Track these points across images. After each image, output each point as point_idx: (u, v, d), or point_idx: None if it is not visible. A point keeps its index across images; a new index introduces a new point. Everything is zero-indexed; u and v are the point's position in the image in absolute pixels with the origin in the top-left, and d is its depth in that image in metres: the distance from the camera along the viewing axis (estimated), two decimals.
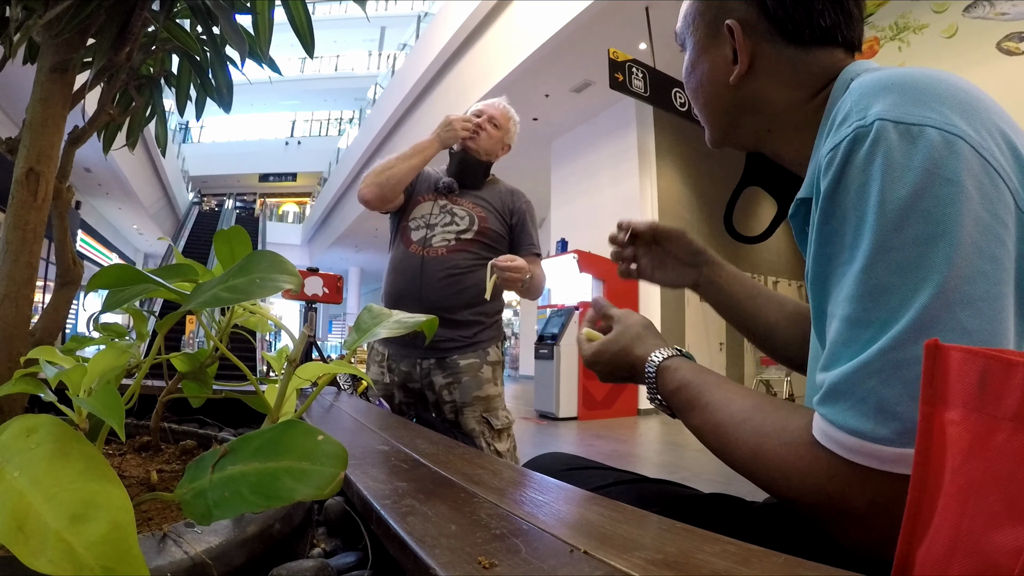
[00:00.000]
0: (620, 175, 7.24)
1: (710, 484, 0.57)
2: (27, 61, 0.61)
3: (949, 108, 0.40)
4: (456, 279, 1.56)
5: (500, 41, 7.15)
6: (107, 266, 0.43)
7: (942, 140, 0.39)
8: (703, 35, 0.61)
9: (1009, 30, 3.75)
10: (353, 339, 0.51)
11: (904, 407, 0.37)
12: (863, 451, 0.38)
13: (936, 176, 0.38)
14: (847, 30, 0.55)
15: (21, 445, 0.28)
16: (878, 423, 0.38)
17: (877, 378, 0.38)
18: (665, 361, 0.59)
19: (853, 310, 0.40)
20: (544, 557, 0.31)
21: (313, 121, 25.34)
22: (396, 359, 1.61)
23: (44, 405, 0.41)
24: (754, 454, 0.46)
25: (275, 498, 0.28)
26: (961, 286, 0.37)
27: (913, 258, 0.38)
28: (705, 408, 0.52)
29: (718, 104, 0.62)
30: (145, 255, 20.10)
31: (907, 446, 0.36)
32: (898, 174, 0.39)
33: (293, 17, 0.62)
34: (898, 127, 0.40)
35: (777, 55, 0.56)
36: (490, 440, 1.55)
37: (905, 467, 0.37)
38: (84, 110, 0.61)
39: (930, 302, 0.37)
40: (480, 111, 1.70)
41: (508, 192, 1.72)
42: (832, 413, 0.40)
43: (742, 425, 0.48)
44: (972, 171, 0.39)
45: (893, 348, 0.38)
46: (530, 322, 10.97)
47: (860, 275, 0.40)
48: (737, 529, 0.41)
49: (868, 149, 0.41)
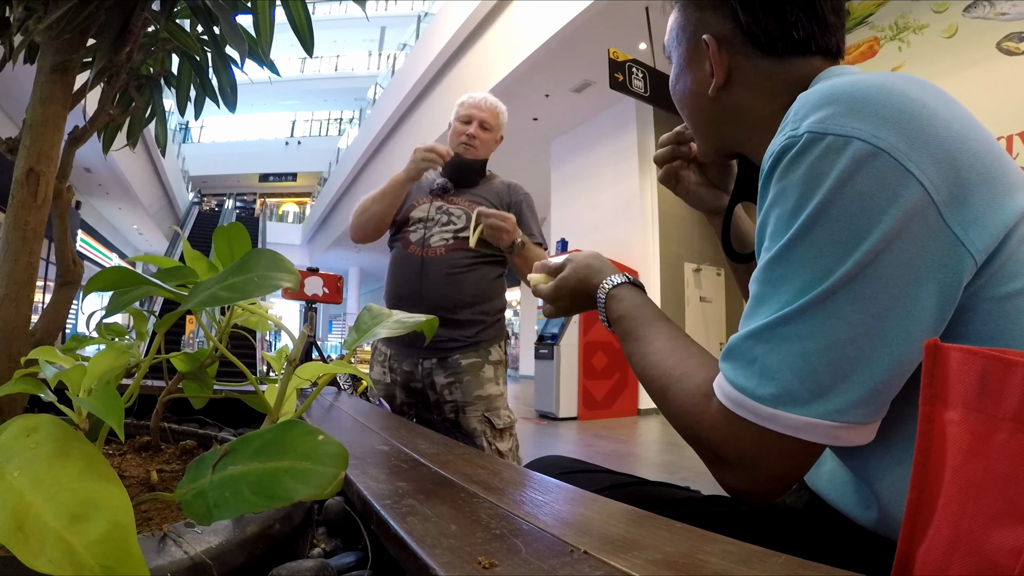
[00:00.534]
0: (620, 175, 7.24)
1: (710, 484, 0.57)
2: (27, 61, 0.61)
3: (882, 119, 0.42)
4: (456, 278, 1.56)
5: (500, 41, 7.14)
6: (105, 269, 0.43)
7: (866, 152, 0.41)
8: (685, 49, 0.63)
9: (1009, 30, 3.74)
10: (353, 339, 0.51)
11: (783, 375, 0.42)
12: (744, 405, 0.44)
13: (848, 187, 0.41)
14: (822, 39, 0.57)
15: (21, 445, 0.28)
16: (760, 384, 0.43)
17: (763, 346, 0.44)
18: (613, 289, 0.63)
19: (758, 290, 0.46)
20: (544, 557, 0.31)
21: (313, 121, 25.34)
22: (398, 359, 1.61)
23: (44, 405, 0.41)
24: (662, 393, 0.52)
25: (276, 498, 0.28)
26: (851, 284, 0.41)
27: (815, 256, 0.42)
28: (637, 340, 0.57)
29: (701, 115, 0.64)
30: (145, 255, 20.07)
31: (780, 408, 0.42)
32: (815, 183, 0.42)
33: (293, 17, 0.62)
34: (825, 138, 0.42)
35: (752, 67, 0.58)
36: (492, 440, 1.55)
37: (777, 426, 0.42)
38: (84, 110, 0.61)
39: (820, 293, 0.41)
40: (469, 116, 1.67)
41: (505, 186, 1.71)
42: (727, 369, 0.46)
43: (659, 364, 0.54)
44: (888, 184, 0.40)
45: (780, 323, 0.43)
46: (530, 322, 10.97)
47: (769, 263, 0.45)
48: (737, 529, 0.41)
49: (792, 157, 0.44)
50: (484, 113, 1.68)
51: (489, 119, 1.68)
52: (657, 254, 6.82)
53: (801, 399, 0.41)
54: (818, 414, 0.41)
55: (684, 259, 7.17)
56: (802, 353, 0.41)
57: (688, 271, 7.14)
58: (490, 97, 1.73)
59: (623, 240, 7.01)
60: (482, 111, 1.68)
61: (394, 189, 1.58)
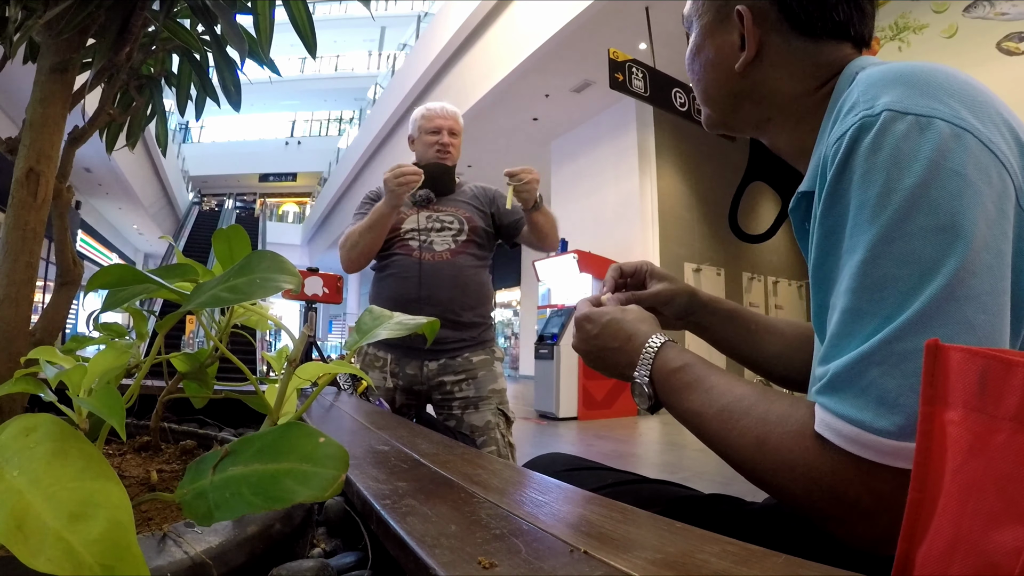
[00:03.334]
0: (620, 175, 7.24)
1: (710, 484, 0.57)
2: (27, 61, 0.61)
3: (957, 101, 0.40)
4: (463, 281, 1.60)
5: (500, 41, 7.15)
6: (107, 266, 0.43)
7: (950, 132, 0.39)
8: (711, 19, 0.60)
9: (1009, 30, 3.75)
10: (354, 340, 0.51)
11: (905, 399, 0.36)
12: (862, 441, 0.37)
13: (943, 167, 0.38)
14: (859, 25, 0.55)
15: (20, 444, 0.28)
16: (878, 414, 0.37)
17: (879, 369, 0.37)
18: (668, 342, 0.57)
19: (855, 301, 0.39)
20: (544, 557, 0.31)
21: (313, 121, 25.35)
22: (400, 363, 1.62)
23: (44, 405, 0.41)
24: (759, 442, 0.44)
25: (276, 500, 0.28)
26: (967, 279, 0.36)
27: (918, 249, 0.37)
28: (710, 391, 0.50)
29: (720, 89, 0.61)
30: (145, 255, 20.12)
31: (906, 440, 0.36)
32: (905, 164, 0.38)
33: (294, 16, 0.62)
34: (906, 117, 0.39)
35: (786, 45, 0.56)
36: (504, 432, 1.59)
37: (903, 461, 0.36)
38: (84, 110, 0.61)
39: (936, 294, 0.36)
40: (437, 127, 1.70)
41: (479, 188, 1.76)
42: (832, 403, 0.39)
43: (749, 411, 0.46)
44: (979, 164, 0.38)
45: (896, 339, 0.37)
46: (530, 322, 10.97)
47: (863, 266, 0.39)
48: (737, 529, 0.41)
49: (874, 138, 0.40)
50: (449, 121, 1.72)
51: (454, 126, 1.73)
52: (657, 254, 6.83)
53: None
54: None
55: (684, 259, 7.18)
56: None
57: (688, 271, 7.14)
58: (447, 104, 1.78)
59: (623, 240, 7.02)
60: (447, 119, 1.72)
61: (381, 221, 1.57)
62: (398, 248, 1.64)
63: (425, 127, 1.72)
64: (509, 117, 7.64)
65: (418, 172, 1.53)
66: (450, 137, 1.70)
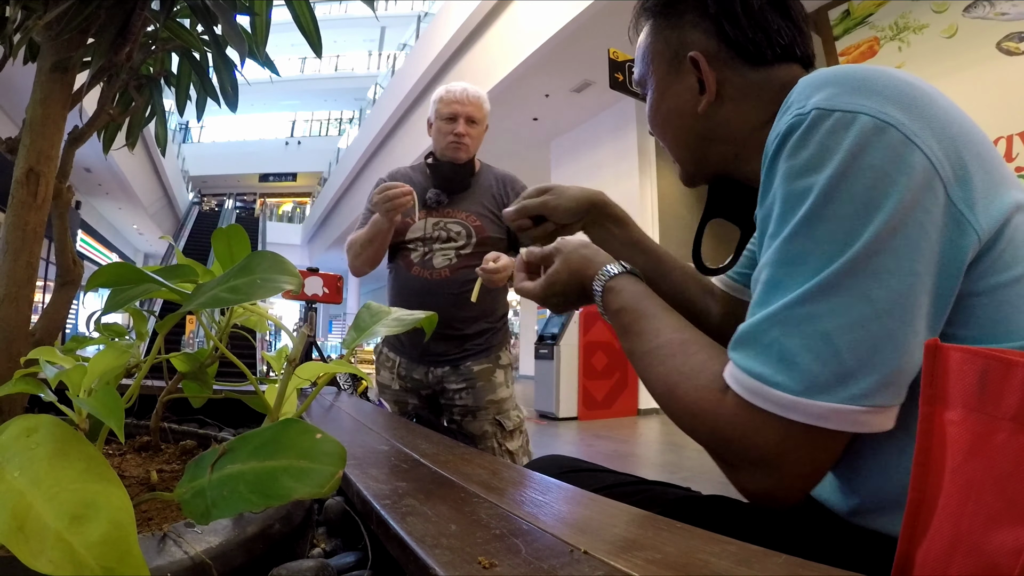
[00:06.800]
0: (620, 175, 7.24)
1: (710, 484, 0.57)
2: (27, 61, 0.61)
3: (886, 98, 0.42)
4: (464, 296, 1.51)
5: (500, 41, 7.14)
6: (106, 264, 0.43)
7: (873, 126, 0.41)
8: (665, 72, 0.63)
9: (1009, 30, 3.74)
10: (352, 338, 0.51)
11: (803, 358, 0.39)
12: (762, 394, 0.41)
13: (861, 160, 0.40)
14: (803, 46, 0.58)
15: (21, 445, 0.28)
16: (777, 370, 0.40)
17: (780, 329, 0.41)
18: (610, 280, 0.59)
19: (772, 274, 0.43)
20: (544, 557, 0.31)
21: (313, 121, 25.35)
22: (407, 367, 1.61)
23: (44, 405, 0.41)
24: (669, 392, 0.48)
25: (274, 497, 0.28)
26: (871, 258, 0.39)
27: (832, 231, 0.40)
28: (638, 335, 0.54)
29: (688, 134, 0.64)
30: (145, 255, 20.11)
31: (803, 396, 0.39)
32: (827, 157, 0.41)
33: (298, 16, 0.62)
34: (833, 114, 0.42)
35: (742, 79, 0.58)
36: (501, 440, 1.58)
37: (800, 415, 0.39)
38: (84, 110, 0.61)
39: (839, 268, 0.39)
40: (454, 113, 1.53)
41: (499, 182, 1.61)
42: (739, 357, 0.43)
43: (665, 361, 0.50)
44: (899, 157, 0.40)
45: (798, 303, 0.40)
46: (530, 322, 10.97)
47: (782, 244, 0.43)
48: (737, 529, 0.41)
49: (802, 134, 0.43)
50: (469, 107, 1.54)
51: (475, 113, 1.55)
52: None
53: (824, 384, 0.39)
54: (843, 399, 0.38)
55: (684, 259, 7.16)
56: (823, 334, 0.39)
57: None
58: (470, 88, 1.59)
59: None
60: (466, 105, 1.54)
61: (379, 236, 1.49)
62: (401, 258, 1.59)
63: (442, 112, 1.55)
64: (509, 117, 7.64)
65: (408, 191, 1.39)
66: (467, 126, 1.53)
